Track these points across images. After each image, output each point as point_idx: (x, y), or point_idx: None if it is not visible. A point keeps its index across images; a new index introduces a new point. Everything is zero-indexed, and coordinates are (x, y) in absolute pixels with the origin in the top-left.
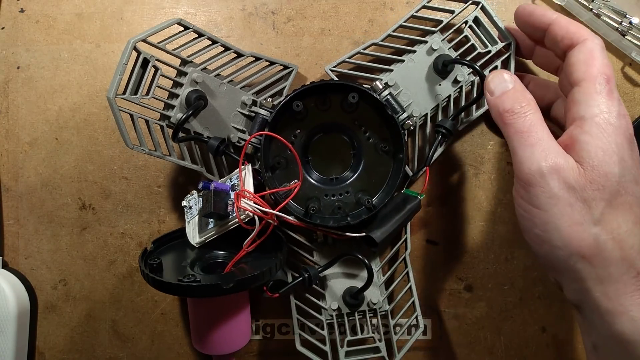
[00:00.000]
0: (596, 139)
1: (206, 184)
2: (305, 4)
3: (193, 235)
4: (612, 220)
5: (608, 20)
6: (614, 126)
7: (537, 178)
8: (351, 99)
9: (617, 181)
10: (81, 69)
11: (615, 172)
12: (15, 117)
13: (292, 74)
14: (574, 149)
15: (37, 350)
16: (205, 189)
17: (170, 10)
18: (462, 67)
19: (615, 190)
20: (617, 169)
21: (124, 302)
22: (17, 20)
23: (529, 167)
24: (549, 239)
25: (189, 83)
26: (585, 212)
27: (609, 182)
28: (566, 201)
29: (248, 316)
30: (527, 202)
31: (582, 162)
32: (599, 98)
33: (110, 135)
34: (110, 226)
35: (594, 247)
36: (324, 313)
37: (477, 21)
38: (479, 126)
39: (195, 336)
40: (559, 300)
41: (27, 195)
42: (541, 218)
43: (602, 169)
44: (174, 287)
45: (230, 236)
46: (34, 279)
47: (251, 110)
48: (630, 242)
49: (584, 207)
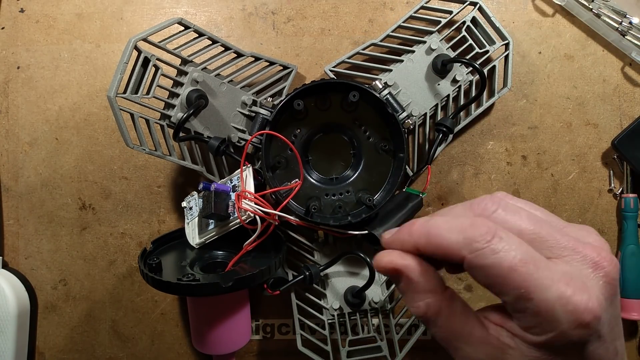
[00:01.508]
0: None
1: (206, 185)
2: (305, 4)
3: (193, 236)
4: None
5: (608, 20)
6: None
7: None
8: (352, 97)
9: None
10: (81, 69)
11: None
12: (15, 117)
13: (292, 74)
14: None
15: (37, 350)
16: (206, 189)
17: (170, 10)
18: (461, 66)
19: None
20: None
21: (124, 302)
22: (17, 20)
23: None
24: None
25: (190, 82)
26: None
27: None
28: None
29: (248, 316)
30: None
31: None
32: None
33: (110, 135)
34: (110, 226)
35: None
36: (325, 313)
37: (475, 21)
38: (479, 126)
39: (195, 336)
40: None
41: (27, 195)
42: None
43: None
44: (174, 287)
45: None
46: (34, 279)
47: (251, 110)
48: None
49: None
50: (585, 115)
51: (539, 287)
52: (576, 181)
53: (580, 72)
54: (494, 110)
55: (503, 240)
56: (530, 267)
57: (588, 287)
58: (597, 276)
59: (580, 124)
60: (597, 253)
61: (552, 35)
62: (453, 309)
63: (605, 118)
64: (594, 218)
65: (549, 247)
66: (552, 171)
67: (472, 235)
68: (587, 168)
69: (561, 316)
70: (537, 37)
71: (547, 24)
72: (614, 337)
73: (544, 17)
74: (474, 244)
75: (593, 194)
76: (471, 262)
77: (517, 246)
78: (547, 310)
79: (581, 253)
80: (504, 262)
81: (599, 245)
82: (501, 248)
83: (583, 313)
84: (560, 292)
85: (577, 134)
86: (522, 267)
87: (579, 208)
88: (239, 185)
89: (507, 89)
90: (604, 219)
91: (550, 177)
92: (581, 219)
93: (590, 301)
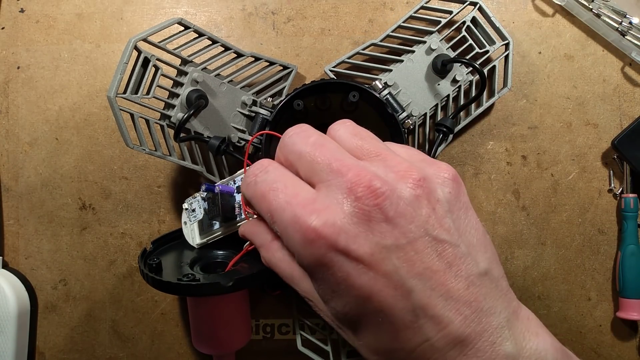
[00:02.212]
0: None
1: (210, 187)
2: (305, 4)
3: (192, 237)
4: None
5: (608, 20)
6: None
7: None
8: (352, 97)
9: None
10: (81, 69)
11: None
12: (15, 117)
13: (292, 74)
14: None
15: (37, 350)
16: (210, 191)
17: (170, 10)
18: (461, 66)
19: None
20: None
21: (124, 302)
22: (17, 20)
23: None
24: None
25: (190, 82)
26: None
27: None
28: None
29: (248, 316)
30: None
31: None
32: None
33: (110, 135)
34: (110, 226)
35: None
36: None
37: (475, 21)
38: (479, 126)
39: (196, 336)
40: (559, 300)
41: (27, 195)
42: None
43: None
44: (174, 287)
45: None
46: (34, 279)
47: (251, 110)
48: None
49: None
50: (585, 115)
51: (278, 210)
52: (576, 181)
53: (580, 72)
54: (494, 110)
55: (268, 172)
56: (275, 193)
57: (327, 209)
58: (346, 199)
59: (580, 124)
60: (357, 181)
61: (552, 35)
62: (278, 257)
63: (605, 118)
64: (594, 218)
65: (319, 171)
66: (552, 171)
67: (249, 172)
68: (587, 168)
69: (293, 235)
70: (537, 37)
71: (547, 24)
72: (389, 267)
73: (544, 17)
74: (247, 179)
75: (593, 194)
76: (244, 193)
77: (273, 176)
78: (284, 230)
79: (342, 178)
80: (259, 190)
81: (384, 172)
82: (262, 179)
83: (306, 230)
84: (294, 214)
85: (577, 134)
86: (268, 193)
87: (579, 208)
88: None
89: (507, 89)
90: (604, 219)
91: (550, 177)
92: (581, 219)
93: (317, 220)
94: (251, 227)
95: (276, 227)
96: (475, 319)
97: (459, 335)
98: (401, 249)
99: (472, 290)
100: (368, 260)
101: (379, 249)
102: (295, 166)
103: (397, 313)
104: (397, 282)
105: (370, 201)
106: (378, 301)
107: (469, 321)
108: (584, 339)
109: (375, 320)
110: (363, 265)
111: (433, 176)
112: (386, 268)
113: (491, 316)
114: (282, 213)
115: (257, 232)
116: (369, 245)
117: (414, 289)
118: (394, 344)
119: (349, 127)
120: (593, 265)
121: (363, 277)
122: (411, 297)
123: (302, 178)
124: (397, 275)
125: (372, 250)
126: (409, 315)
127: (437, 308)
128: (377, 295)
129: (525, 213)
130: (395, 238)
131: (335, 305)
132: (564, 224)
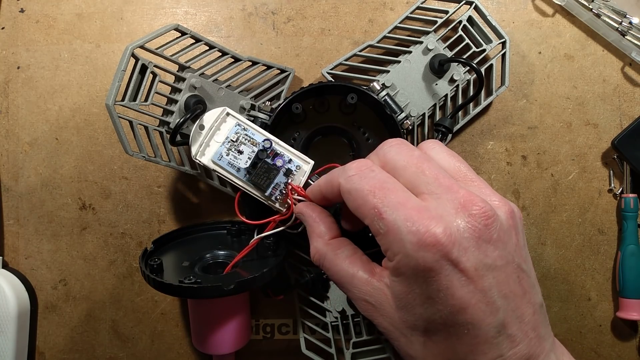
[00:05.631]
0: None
1: (267, 147)
2: (305, 4)
3: (201, 149)
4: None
5: (608, 20)
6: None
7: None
8: (350, 99)
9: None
10: (81, 69)
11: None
12: (15, 117)
13: (290, 77)
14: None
15: (37, 350)
16: (265, 151)
17: (170, 11)
18: (458, 65)
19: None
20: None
21: (124, 302)
22: (17, 20)
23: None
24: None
25: (188, 88)
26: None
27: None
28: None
29: (248, 316)
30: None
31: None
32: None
33: (110, 135)
34: (110, 226)
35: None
36: (328, 315)
37: (471, 20)
38: (479, 126)
39: (196, 336)
40: (560, 300)
41: (27, 195)
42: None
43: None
44: (175, 289)
45: (229, 236)
46: (34, 279)
47: (250, 114)
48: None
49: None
50: (585, 115)
51: (390, 208)
52: (576, 181)
53: (580, 72)
54: (493, 110)
55: (374, 172)
56: (385, 192)
57: (442, 219)
58: (458, 214)
59: (580, 124)
60: (471, 200)
61: (552, 35)
62: (338, 254)
63: (605, 118)
64: (594, 218)
65: (426, 183)
66: (552, 171)
67: (349, 166)
68: (587, 168)
69: (405, 236)
70: (537, 37)
71: (547, 24)
72: (486, 283)
73: (544, 17)
74: (348, 171)
75: (593, 194)
76: (343, 186)
77: (381, 177)
78: (394, 229)
79: (454, 194)
80: (365, 186)
81: (484, 198)
82: (366, 176)
83: (424, 234)
84: (408, 215)
85: (577, 134)
86: (379, 190)
87: (579, 208)
88: (294, 170)
89: (504, 88)
90: (603, 219)
91: (550, 177)
92: (581, 219)
93: (437, 227)
94: (319, 214)
95: (381, 224)
96: (537, 342)
97: (524, 355)
98: (497, 269)
99: (536, 317)
100: (472, 274)
101: (481, 266)
102: (396, 174)
103: (484, 327)
104: (489, 299)
105: (483, 221)
106: (471, 314)
107: (532, 343)
108: (584, 339)
109: (461, 332)
110: (466, 278)
111: (516, 211)
112: (484, 284)
113: (545, 341)
114: (394, 212)
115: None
116: (475, 261)
117: (501, 308)
118: (468, 356)
119: (443, 146)
120: (593, 265)
121: (464, 288)
122: (498, 314)
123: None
124: (491, 293)
125: (477, 266)
126: (492, 331)
127: (513, 328)
128: (472, 308)
129: (525, 213)
130: (494, 259)
131: (422, 312)
132: (564, 224)
